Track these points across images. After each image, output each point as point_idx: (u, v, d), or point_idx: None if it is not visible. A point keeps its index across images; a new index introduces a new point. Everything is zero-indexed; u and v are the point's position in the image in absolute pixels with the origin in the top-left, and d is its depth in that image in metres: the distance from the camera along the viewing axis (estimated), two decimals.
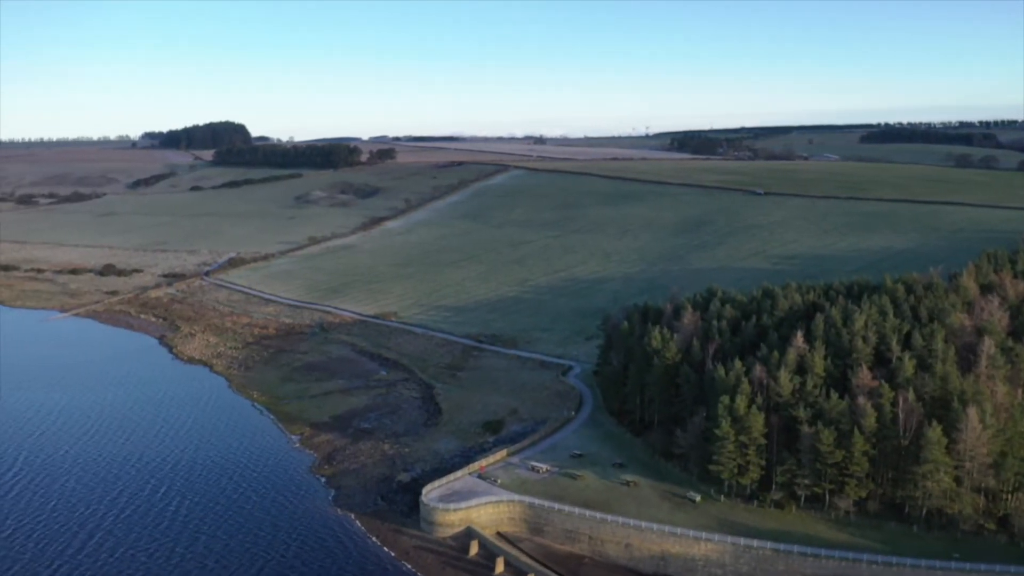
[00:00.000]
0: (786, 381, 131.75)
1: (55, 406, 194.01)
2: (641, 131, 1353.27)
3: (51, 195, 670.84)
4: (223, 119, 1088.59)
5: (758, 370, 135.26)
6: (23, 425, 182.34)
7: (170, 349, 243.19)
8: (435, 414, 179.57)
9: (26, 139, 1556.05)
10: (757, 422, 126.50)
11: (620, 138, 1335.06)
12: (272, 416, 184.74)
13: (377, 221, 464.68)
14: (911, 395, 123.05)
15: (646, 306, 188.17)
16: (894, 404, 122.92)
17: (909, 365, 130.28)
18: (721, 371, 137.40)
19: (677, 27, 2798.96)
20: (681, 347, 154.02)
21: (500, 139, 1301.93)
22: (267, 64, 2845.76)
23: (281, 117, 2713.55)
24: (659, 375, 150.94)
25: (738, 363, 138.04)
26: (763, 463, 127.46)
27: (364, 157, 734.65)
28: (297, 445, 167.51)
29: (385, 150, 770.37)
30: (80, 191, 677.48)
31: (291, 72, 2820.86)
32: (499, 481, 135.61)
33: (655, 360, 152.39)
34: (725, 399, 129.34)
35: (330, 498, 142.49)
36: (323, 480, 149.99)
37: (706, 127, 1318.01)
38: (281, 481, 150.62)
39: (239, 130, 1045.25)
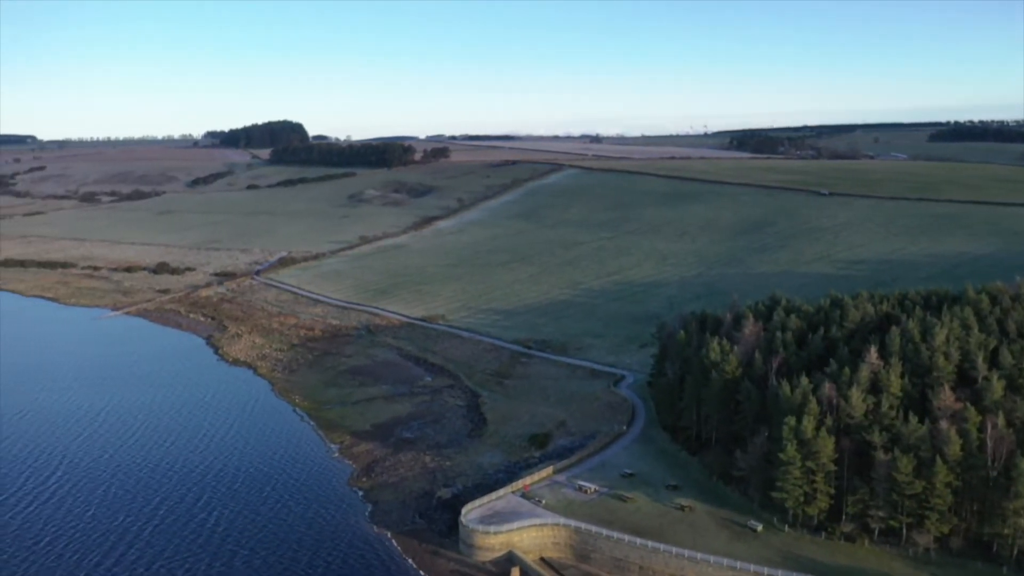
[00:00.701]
0: (859, 401, 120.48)
1: (102, 408, 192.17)
2: (699, 130, 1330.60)
3: (113, 193, 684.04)
4: (282, 118, 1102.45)
5: (827, 388, 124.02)
6: (70, 427, 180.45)
7: (216, 350, 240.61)
8: (480, 424, 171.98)
9: (93, 138, 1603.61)
10: (826, 446, 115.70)
11: (678, 137, 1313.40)
12: (313, 423, 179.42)
13: (429, 220, 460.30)
14: (1001, 420, 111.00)
15: (704, 314, 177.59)
16: (981, 430, 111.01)
17: (998, 386, 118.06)
18: (786, 388, 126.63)
19: (735, 24, 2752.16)
20: (742, 360, 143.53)
21: (556, 138, 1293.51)
22: (326, 64, 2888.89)
23: (339, 116, 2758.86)
24: (717, 390, 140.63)
25: (804, 380, 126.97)
26: (832, 491, 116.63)
27: (418, 156, 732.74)
28: (336, 455, 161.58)
29: (439, 149, 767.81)
30: (141, 189, 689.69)
31: (350, 72, 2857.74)
32: (544, 501, 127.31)
33: (713, 373, 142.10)
34: (790, 420, 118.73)
35: (367, 513, 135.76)
36: (360, 494, 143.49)
37: (766, 125, 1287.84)
38: (319, 493, 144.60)
39: (296, 129, 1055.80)
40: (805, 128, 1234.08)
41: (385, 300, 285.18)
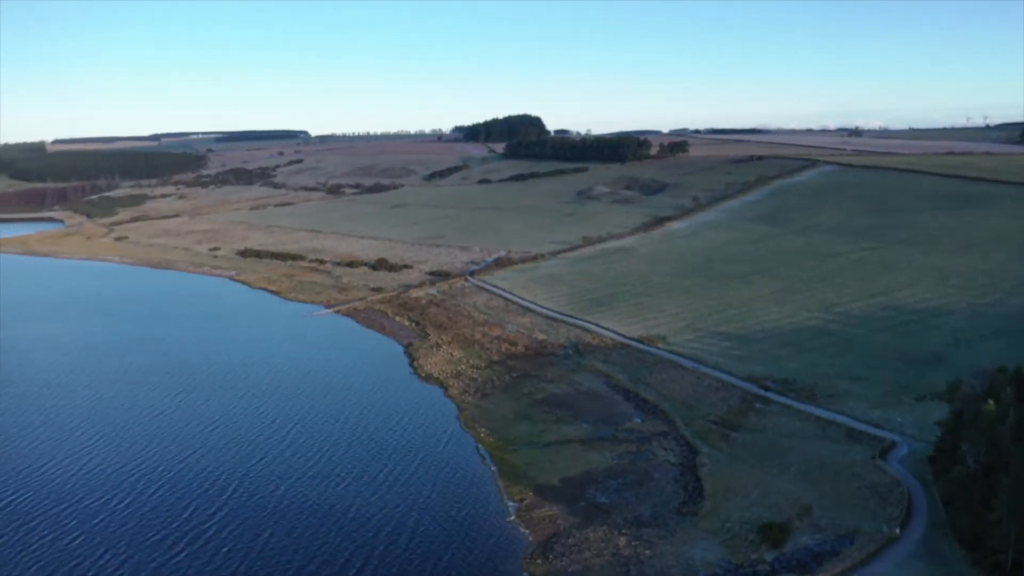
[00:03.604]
0: None
1: (290, 426, 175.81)
2: (978, 121, 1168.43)
3: (357, 185, 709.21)
4: (522, 112, 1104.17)
5: None
6: (254, 447, 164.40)
7: (411, 361, 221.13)
8: (695, 496, 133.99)
9: (354, 133, 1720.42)
10: None
11: (953, 130, 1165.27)
12: (495, 467, 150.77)
13: (660, 221, 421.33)
14: None
15: (1020, 372, 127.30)
16: None
17: None
18: None
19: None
20: None
21: (808, 131, 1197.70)
22: (569, 57, 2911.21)
23: (581, 110, 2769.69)
24: None
25: None
26: None
27: (654, 150, 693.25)
28: (512, 518, 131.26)
29: (677, 143, 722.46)
30: (381, 182, 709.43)
31: (593, 64, 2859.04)
32: None
33: None
34: None
35: None
36: None
37: None
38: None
39: (535, 123, 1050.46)
40: None
41: (600, 313, 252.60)
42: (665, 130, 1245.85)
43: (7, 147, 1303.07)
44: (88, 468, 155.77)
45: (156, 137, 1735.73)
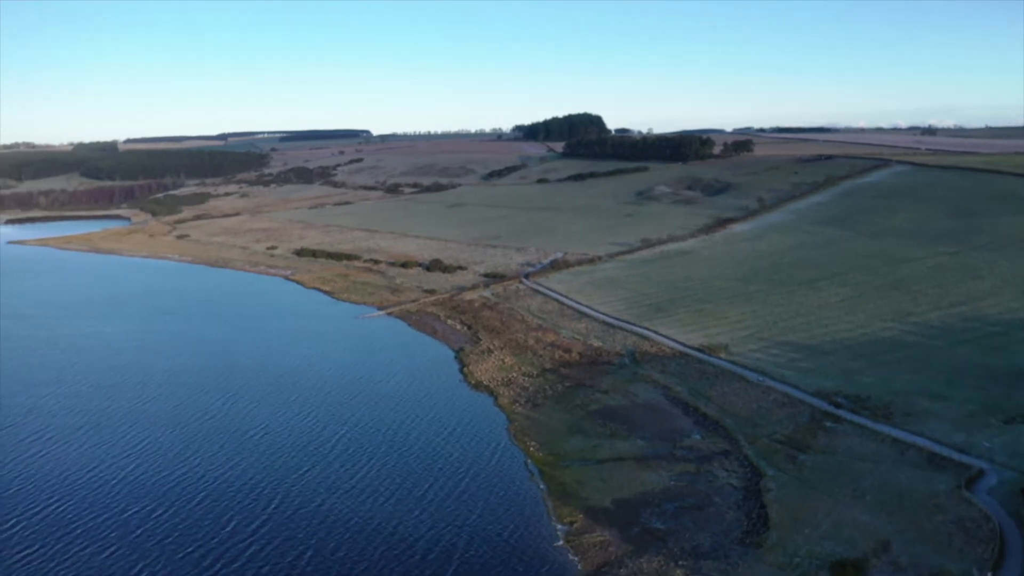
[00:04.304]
0: None
1: (338, 435, 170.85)
2: None
3: (415, 185, 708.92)
4: (582, 111, 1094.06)
5: None
6: (303, 455, 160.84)
7: (462, 367, 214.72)
8: (759, 525, 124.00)
9: (416, 132, 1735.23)
10: None
11: None
12: (544, 486, 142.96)
13: (722, 223, 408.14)
14: None
15: None
16: None
17: None
18: None
19: None
20: None
21: (879, 130, 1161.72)
22: (631, 55, 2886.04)
23: (642, 109, 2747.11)
24: None
25: None
26: None
27: (717, 149, 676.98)
28: (560, 543, 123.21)
29: (741, 142, 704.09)
30: (439, 181, 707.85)
31: (657, 64, 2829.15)
32: None
33: None
34: None
35: None
36: None
37: None
38: None
39: (595, 122, 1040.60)
40: None
41: (659, 319, 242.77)
42: (729, 129, 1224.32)
43: (81, 146, 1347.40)
44: (133, 475, 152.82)
45: (223, 136, 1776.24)
